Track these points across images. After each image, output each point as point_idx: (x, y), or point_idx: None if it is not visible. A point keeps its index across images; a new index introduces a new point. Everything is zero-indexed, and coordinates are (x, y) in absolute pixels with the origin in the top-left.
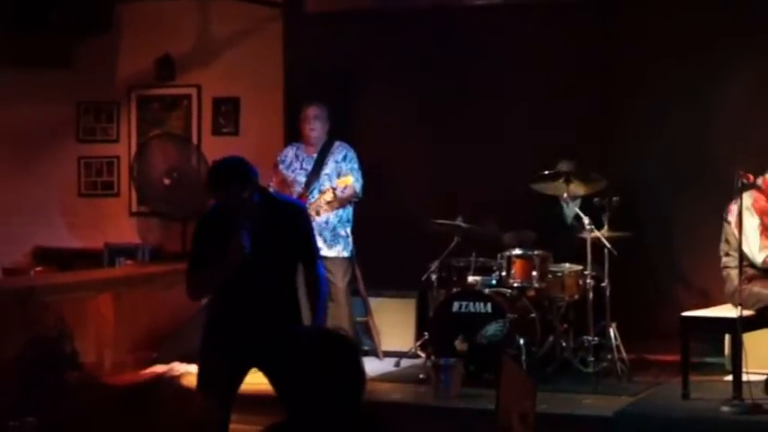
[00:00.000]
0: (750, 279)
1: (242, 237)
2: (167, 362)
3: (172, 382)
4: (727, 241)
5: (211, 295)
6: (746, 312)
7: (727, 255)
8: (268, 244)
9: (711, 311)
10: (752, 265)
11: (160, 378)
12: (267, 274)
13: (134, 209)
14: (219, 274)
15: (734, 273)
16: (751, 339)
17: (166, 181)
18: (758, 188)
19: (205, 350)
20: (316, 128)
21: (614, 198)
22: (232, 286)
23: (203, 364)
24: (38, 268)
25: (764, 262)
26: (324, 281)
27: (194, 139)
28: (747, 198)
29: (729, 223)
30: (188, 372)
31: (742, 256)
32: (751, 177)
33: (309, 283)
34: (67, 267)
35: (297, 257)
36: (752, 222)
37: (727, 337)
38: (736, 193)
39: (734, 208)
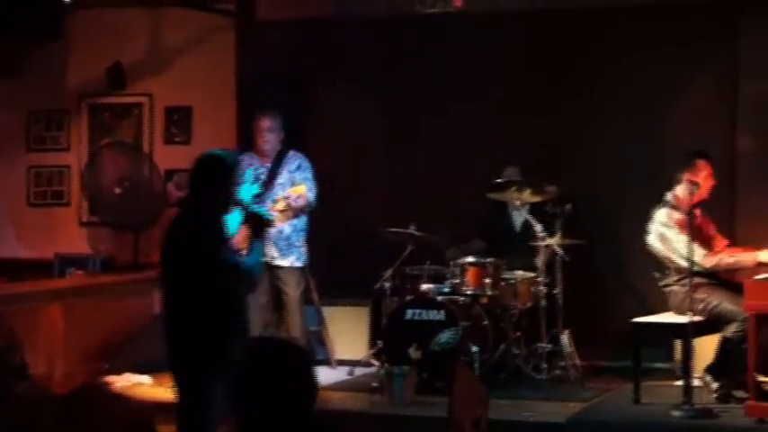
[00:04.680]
0: (695, 288)
1: None
2: (119, 372)
3: (102, 387)
4: (658, 262)
5: None
6: (696, 318)
7: (663, 274)
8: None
9: (662, 317)
10: (697, 273)
11: (90, 385)
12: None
13: (85, 219)
14: None
15: (675, 288)
16: (701, 345)
17: (118, 190)
18: (670, 204)
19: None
20: (269, 140)
21: (566, 206)
22: None
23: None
24: None
25: (716, 264)
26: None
27: (146, 149)
28: (662, 215)
29: (650, 245)
30: (140, 382)
31: (689, 263)
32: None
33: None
34: (17, 278)
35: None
36: (677, 235)
37: (677, 342)
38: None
39: (651, 229)
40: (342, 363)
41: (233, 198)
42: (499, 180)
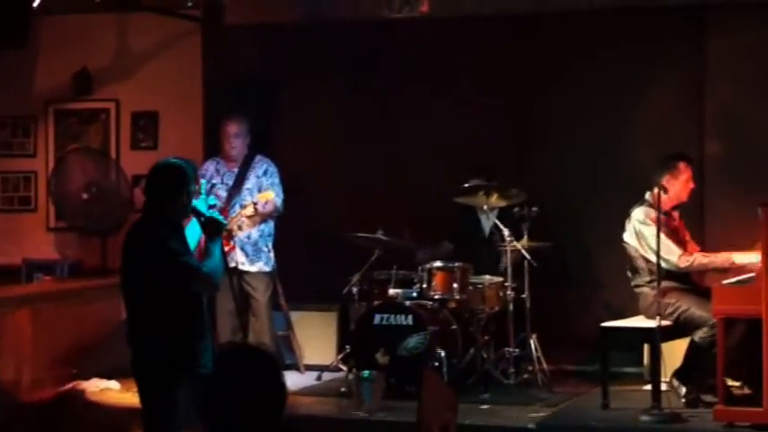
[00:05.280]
0: (664, 292)
1: None
2: (87, 378)
3: (79, 395)
4: (632, 260)
5: None
6: (665, 322)
7: (635, 273)
8: None
9: (630, 321)
10: (669, 274)
11: (67, 393)
12: None
13: (52, 224)
14: None
15: (646, 289)
16: (669, 349)
17: (85, 196)
18: (648, 203)
19: None
20: (236, 145)
21: (533, 209)
22: None
23: None
24: None
25: (690, 264)
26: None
27: (113, 154)
28: (639, 213)
29: (627, 243)
30: (108, 387)
31: (658, 268)
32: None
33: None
34: None
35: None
36: (654, 233)
37: (645, 346)
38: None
39: (628, 226)
40: (310, 368)
41: (188, 206)
42: (466, 184)
